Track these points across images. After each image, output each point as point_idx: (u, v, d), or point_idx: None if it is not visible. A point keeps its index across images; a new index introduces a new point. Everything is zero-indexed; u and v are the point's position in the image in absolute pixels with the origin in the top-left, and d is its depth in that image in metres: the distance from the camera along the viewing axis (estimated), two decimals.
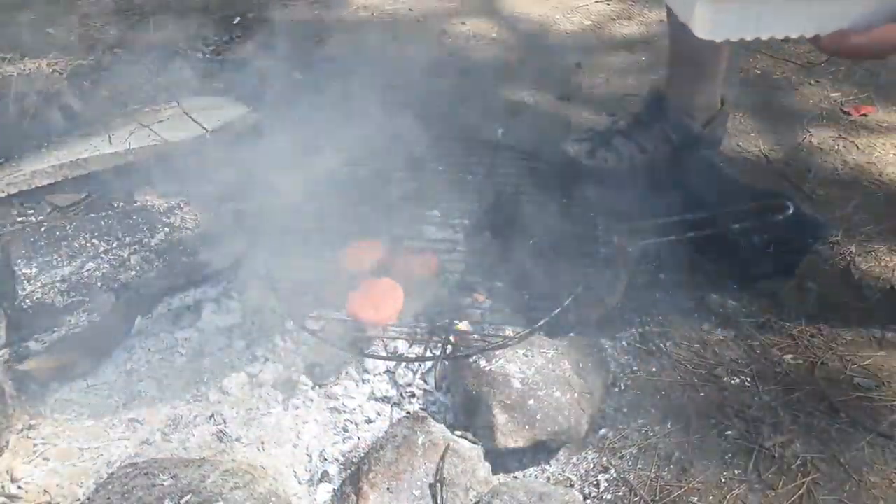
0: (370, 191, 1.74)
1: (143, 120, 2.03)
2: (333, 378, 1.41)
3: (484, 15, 3.07)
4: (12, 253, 1.60)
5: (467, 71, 2.63)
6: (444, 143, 2.00)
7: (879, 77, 2.50)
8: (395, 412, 1.37)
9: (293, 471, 1.30)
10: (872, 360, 1.51)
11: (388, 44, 2.83)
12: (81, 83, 2.37)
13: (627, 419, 1.41)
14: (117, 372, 1.46)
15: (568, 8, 3.09)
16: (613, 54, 2.73)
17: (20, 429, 1.36)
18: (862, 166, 2.08)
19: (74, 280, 1.55)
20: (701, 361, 1.52)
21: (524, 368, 1.33)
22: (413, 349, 1.44)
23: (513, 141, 2.16)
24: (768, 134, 2.24)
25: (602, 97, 2.46)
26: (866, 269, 1.73)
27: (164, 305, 1.58)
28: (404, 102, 2.43)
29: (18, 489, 1.26)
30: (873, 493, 1.27)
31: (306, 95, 2.40)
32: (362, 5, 3.16)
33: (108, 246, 1.63)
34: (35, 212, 1.87)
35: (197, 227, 1.71)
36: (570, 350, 1.41)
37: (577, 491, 1.28)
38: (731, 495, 1.27)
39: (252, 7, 3.14)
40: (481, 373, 1.33)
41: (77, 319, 1.53)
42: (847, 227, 1.85)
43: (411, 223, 1.69)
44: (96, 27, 2.99)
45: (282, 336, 1.51)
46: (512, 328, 1.41)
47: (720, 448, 1.35)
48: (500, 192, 1.69)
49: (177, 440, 1.34)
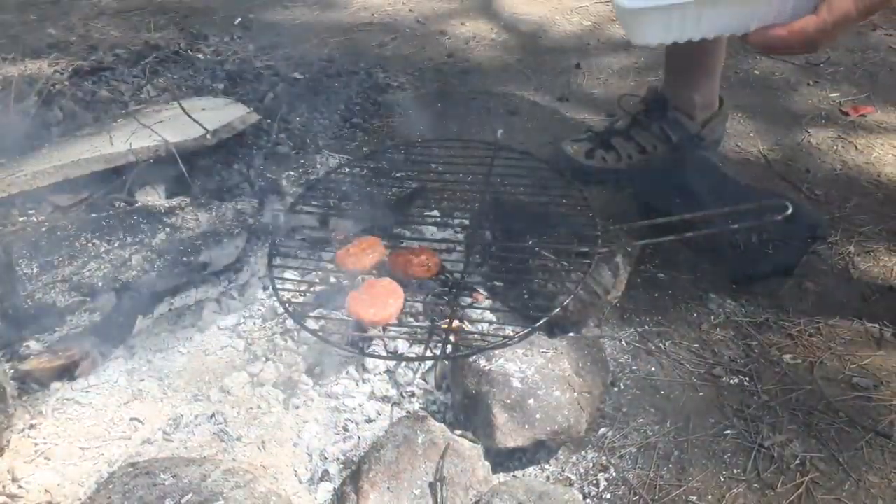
0: (370, 190, 1.74)
1: (143, 120, 2.03)
2: (334, 377, 1.41)
3: (484, 15, 3.07)
4: (13, 253, 1.60)
5: (467, 71, 2.63)
6: (444, 143, 2.01)
7: (878, 77, 2.51)
8: (395, 411, 1.38)
9: (293, 470, 1.30)
10: (871, 360, 1.51)
11: (388, 44, 2.84)
12: (81, 83, 2.37)
13: (627, 418, 1.41)
14: (118, 371, 1.46)
15: (567, 9, 3.09)
16: (612, 55, 2.74)
17: (21, 428, 1.36)
18: (860, 166, 2.09)
19: (75, 280, 1.55)
20: (700, 361, 1.52)
21: (524, 368, 1.33)
22: (413, 349, 1.45)
23: (512, 141, 2.17)
24: (767, 134, 2.25)
25: (601, 97, 2.47)
26: (865, 269, 1.73)
27: (165, 305, 1.59)
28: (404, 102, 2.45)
29: (19, 489, 1.26)
30: (872, 492, 1.28)
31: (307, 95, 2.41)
32: (362, 5, 3.16)
33: (108, 246, 1.64)
34: (36, 212, 1.87)
35: (197, 226, 1.71)
36: (569, 350, 1.41)
37: (577, 490, 1.29)
38: (730, 494, 1.28)
39: (253, 8, 3.14)
40: (481, 372, 1.33)
41: (78, 319, 1.53)
42: (846, 227, 1.86)
43: (412, 223, 1.69)
44: (96, 27, 2.99)
45: (282, 336, 1.51)
46: (512, 328, 1.41)
47: (719, 447, 1.36)
48: (500, 192, 1.69)
49: (178, 439, 1.34)
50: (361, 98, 2.43)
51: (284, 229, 1.61)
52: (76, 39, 2.86)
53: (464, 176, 1.86)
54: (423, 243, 1.60)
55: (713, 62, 1.94)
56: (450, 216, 1.76)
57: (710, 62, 1.94)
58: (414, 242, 1.62)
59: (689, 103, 1.95)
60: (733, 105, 2.31)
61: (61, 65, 2.58)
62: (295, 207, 1.65)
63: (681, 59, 1.94)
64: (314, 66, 2.63)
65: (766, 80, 2.53)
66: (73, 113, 2.21)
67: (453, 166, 1.86)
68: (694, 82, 1.94)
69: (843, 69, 2.57)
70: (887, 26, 2.84)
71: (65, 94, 2.30)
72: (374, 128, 2.30)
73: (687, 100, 1.95)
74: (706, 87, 1.96)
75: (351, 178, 1.79)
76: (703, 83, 1.95)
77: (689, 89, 1.94)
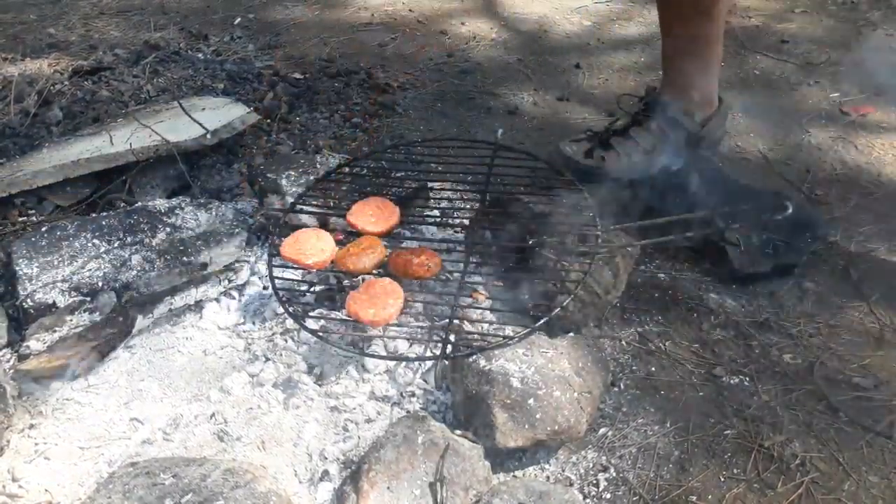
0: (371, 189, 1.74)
1: (143, 120, 2.03)
2: (334, 377, 1.41)
3: (484, 15, 3.07)
4: (14, 253, 1.60)
5: (467, 71, 2.63)
6: (444, 143, 2.01)
7: (878, 78, 2.51)
8: (395, 411, 1.38)
9: (293, 470, 1.30)
10: (871, 360, 1.51)
11: (388, 44, 2.84)
12: (81, 83, 2.37)
13: (627, 418, 1.41)
14: (118, 371, 1.46)
15: (568, 8, 3.09)
16: (612, 55, 2.74)
17: (21, 428, 1.36)
18: (861, 166, 2.09)
19: (76, 280, 1.55)
20: (700, 361, 1.52)
21: (524, 368, 1.33)
22: (413, 349, 1.45)
23: (512, 141, 2.17)
24: (767, 134, 2.25)
25: (601, 97, 2.47)
26: (865, 269, 1.73)
27: (165, 305, 1.59)
28: (404, 102, 2.45)
29: (20, 489, 1.26)
30: (872, 492, 1.28)
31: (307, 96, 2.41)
32: (362, 5, 3.16)
33: (109, 246, 1.64)
34: (36, 212, 1.88)
35: (197, 226, 1.71)
36: (569, 350, 1.41)
37: (577, 490, 1.29)
38: (731, 494, 1.28)
39: (253, 8, 3.14)
40: (481, 372, 1.33)
41: (78, 319, 1.53)
42: (846, 226, 1.85)
43: (412, 223, 1.69)
44: (96, 27, 2.99)
45: (282, 336, 1.51)
46: (512, 328, 1.41)
47: (719, 447, 1.36)
48: (500, 192, 1.69)
49: (178, 439, 1.34)
50: (361, 98, 2.43)
51: (284, 229, 1.61)
52: (76, 39, 2.86)
53: (464, 176, 1.86)
54: (423, 243, 1.60)
55: (711, 60, 1.94)
56: (450, 216, 1.76)
57: (708, 61, 1.94)
58: (414, 242, 1.62)
59: (688, 103, 1.95)
60: (733, 105, 2.31)
61: (61, 65, 2.58)
62: (295, 207, 1.65)
63: (676, 59, 1.94)
64: (314, 66, 2.63)
65: (766, 80, 2.53)
66: (73, 113, 2.21)
67: (453, 166, 1.86)
68: (693, 81, 1.94)
69: (843, 69, 2.57)
70: (887, 26, 2.84)
71: (65, 94, 2.30)
72: (374, 128, 2.30)
73: (686, 99, 1.94)
74: (705, 86, 1.96)
75: (351, 177, 1.79)
76: (702, 82, 1.95)
77: (687, 89, 1.94)
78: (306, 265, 1.48)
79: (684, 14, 1.87)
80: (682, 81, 1.94)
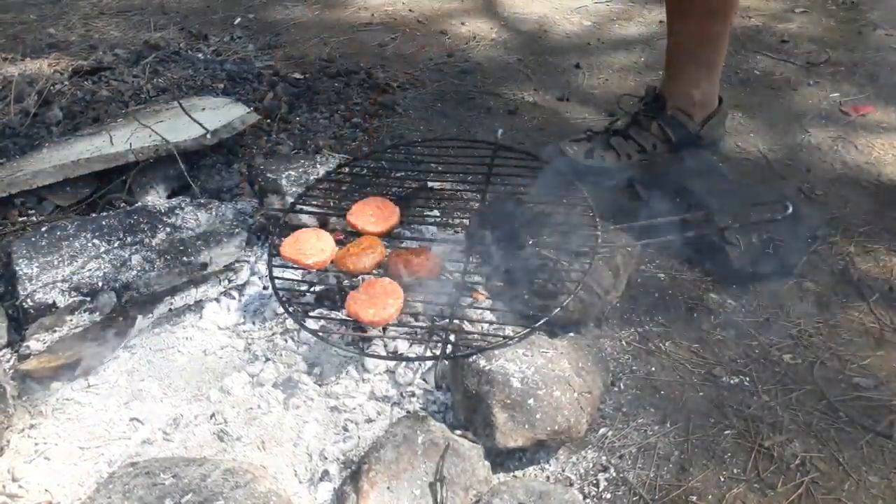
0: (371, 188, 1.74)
1: (143, 120, 2.03)
2: (334, 377, 1.41)
3: (484, 15, 3.08)
4: (14, 253, 1.60)
5: (467, 71, 2.63)
6: (444, 143, 2.01)
7: (878, 77, 2.51)
8: (395, 411, 1.38)
9: (293, 470, 1.30)
10: (871, 360, 1.51)
11: (388, 44, 2.84)
12: (81, 83, 2.37)
13: (627, 419, 1.41)
14: (118, 371, 1.46)
15: (568, 8, 3.10)
16: (612, 55, 2.74)
17: (21, 428, 1.36)
18: (860, 166, 2.09)
19: (76, 280, 1.55)
20: (700, 361, 1.52)
21: (524, 368, 1.33)
22: (413, 349, 1.45)
23: (512, 141, 2.17)
24: (768, 134, 2.25)
25: (601, 97, 2.47)
26: (865, 269, 1.73)
27: (165, 305, 1.59)
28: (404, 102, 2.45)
29: (20, 488, 1.26)
30: (872, 492, 1.28)
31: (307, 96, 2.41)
32: (362, 5, 3.16)
33: (109, 246, 1.64)
34: (36, 212, 1.88)
35: (197, 226, 1.71)
36: (569, 350, 1.41)
37: (577, 490, 1.29)
38: (730, 494, 1.28)
39: (253, 8, 3.15)
40: (481, 372, 1.33)
41: (78, 319, 1.53)
42: (846, 226, 1.85)
43: (412, 223, 1.69)
44: (96, 27, 2.99)
45: (282, 336, 1.51)
46: (512, 328, 1.41)
47: (719, 447, 1.36)
48: (500, 192, 1.69)
49: (178, 439, 1.34)
50: (361, 98, 2.43)
51: (284, 229, 1.61)
52: (76, 39, 2.86)
53: (464, 176, 1.86)
54: (423, 243, 1.60)
55: (716, 61, 1.94)
56: (450, 216, 1.76)
57: (714, 60, 1.94)
58: (414, 242, 1.62)
59: (688, 102, 1.95)
60: (733, 105, 2.31)
61: (61, 65, 2.58)
62: (295, 207, 1.65)
63: (681, 58, 1.94)
64: (314, 66, 2.63)
65: (766, 80, 2.53)
66: (73, 113, 2.21)
67: (453, 166, 1.86)
68: (693, 81, 1.94)
69: (843, 69, 2.57)
70: (887, 26, 2.84)
71: (65, 94, 2.30)
72: (374, 128, 2.30)
73: (686, 99, 1.94)
74: (706, 86, 1.96)
75: (351, 177, 1.79)
76: (702, 82, 1.95)
77: (688, 88, 1.94)
78: (306, 265, 1.48)
79: (695, 13, 1.86)
80: (684, 81, 1.94)
